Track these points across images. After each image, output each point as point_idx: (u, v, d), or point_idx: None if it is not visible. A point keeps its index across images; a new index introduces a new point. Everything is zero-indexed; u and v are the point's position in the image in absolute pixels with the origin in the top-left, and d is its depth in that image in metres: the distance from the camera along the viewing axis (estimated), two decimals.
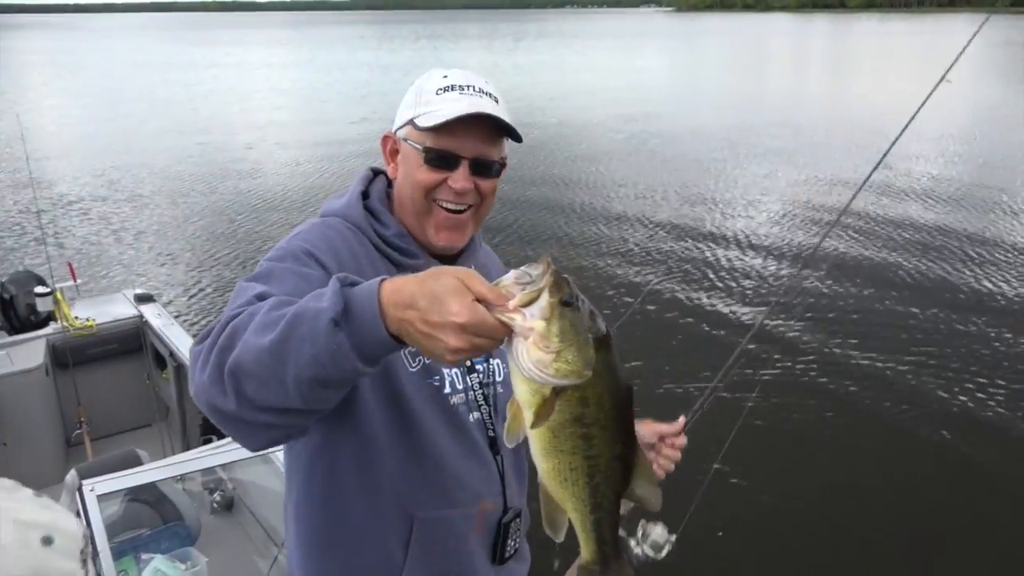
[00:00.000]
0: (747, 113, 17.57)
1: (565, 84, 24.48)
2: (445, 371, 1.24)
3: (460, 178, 1.20)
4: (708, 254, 7.65)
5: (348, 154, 12.93)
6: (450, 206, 1.22)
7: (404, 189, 1.25)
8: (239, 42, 46.41)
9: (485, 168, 1.22)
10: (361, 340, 0.85)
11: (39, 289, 3.66)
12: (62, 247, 7.88)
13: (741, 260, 7.48)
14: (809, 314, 5.98)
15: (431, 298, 0.81)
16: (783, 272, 7.14)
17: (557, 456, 0.87)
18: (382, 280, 0.87)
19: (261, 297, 0.99)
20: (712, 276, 7.04)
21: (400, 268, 1.24)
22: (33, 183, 6.08)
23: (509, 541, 1.32)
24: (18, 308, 3.80)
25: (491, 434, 1.30)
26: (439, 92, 1.21)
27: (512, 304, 0.81)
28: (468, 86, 1.21)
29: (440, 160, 1.20)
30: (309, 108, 19.86)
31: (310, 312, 0.86)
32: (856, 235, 8.00)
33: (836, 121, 16.23)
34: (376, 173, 1.34)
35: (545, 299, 0.80)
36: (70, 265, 4.02)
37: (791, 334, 5.71)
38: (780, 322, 5.83)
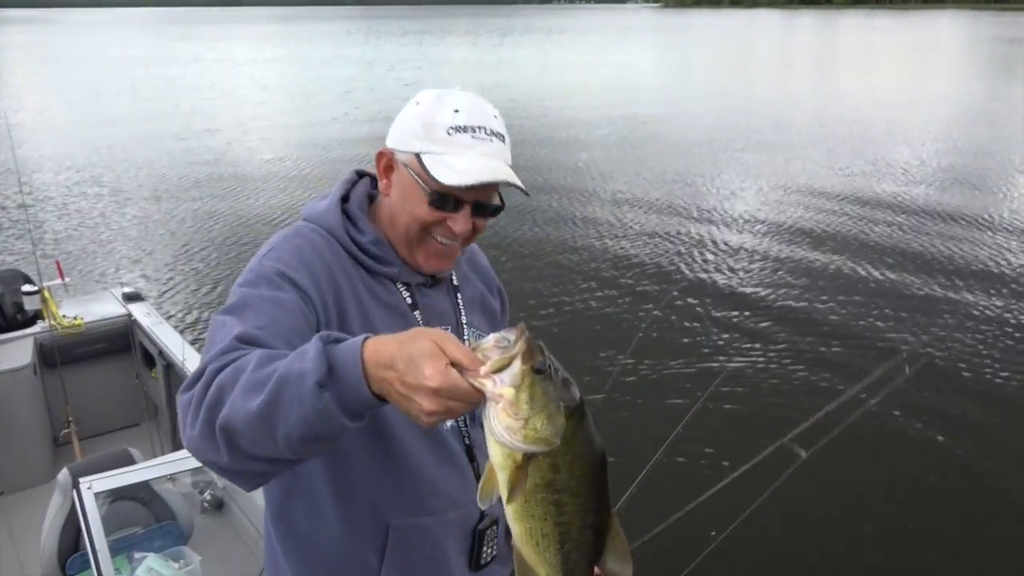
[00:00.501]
0: (733, 109, 17.67)
1: (549, 79, 24.51)
2: None
3: (461, 220, 1.20)
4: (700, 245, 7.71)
5: (331, 150, 12.87)
6: (445, 241, 1.22)
7: (399, 216, 1.23)
8: (224, 37, 46.03)
9: (484, 210, 1.23)
10: (346, 400, 0.86)
11: (26, 288, 3.61)
12: (49, 245, 7.79)
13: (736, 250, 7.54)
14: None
15: (408, 361, 0.83)
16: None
17: (529, 521, 0.88)
18: (365, 339, 0.88)
19: (241, 339, 1.00)
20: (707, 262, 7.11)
21: (374, 275, 1.25)
22: (20, 180, 5.99)
23: (485, 548, 1.33)
24: (5, 307, 3.75)
25: (467, 441, 1.31)
26: (450, 132, 1.16)
27: (484, 370, 0.81)
28: (480, 127, 1.17)
29: (443, 202, 1.19)
30: (293, 104, 19.77)
31: (295, 374, 0.87)
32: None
33: (821, 117, 16.35)
34: (360, 175, 1.33)
35: (517, 366, 0.81)
36: (58, 263, 3.99)
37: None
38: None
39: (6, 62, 33.82)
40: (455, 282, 1.37)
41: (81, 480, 2.26)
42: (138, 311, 3.77)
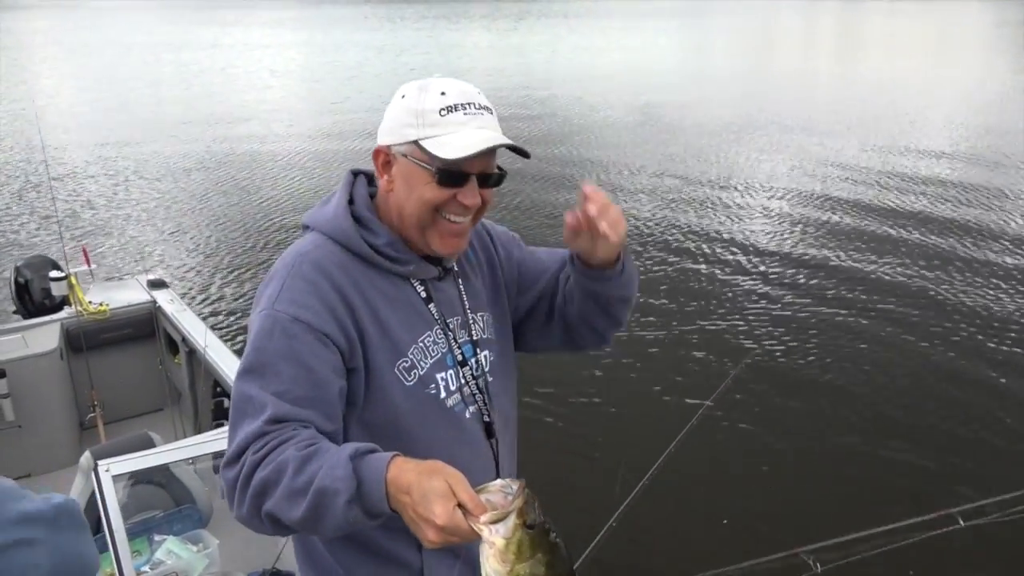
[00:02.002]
0: (754, 94, 17.43)
1: (558, 64, 24.34)
2: (439, 376, 1.30)
3: (470, 194, 1.24)
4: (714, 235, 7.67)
5: (332, 134, 13.06)
6: (457, 219, 1.26)
7: (406, 205, 1.26)
8: (240, 22, 46.07)
9: (488, 180, 1.27)
10: (370, 510, 1.03)
11: (54, 274, 3.70)
12: (76, 232, 7.93)
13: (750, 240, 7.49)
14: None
15: (422, 494, 0.96)
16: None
17: None
18: (392, 458, 1.02)
19: (270, 421, 1.12)
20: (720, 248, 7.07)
21: (390, 275, 1.29)
22: (47, 167, 6.09)
23: None
24: (33, 292, 3.86)
25: (486, 420, 1.38)
26: (442, 112, 1.21)
27: (484, 519, 0.95)
28: (468, 103, 1.22)
29: (450, 178, 1.23)
30: (298, 89, 19.81)
31: (330, 491, 1.02)
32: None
33: (847, 102, 16.09)
34: (356, 174, 1.36)
35: (511, 521, 0.95)
36: (84, 250, 4.07)
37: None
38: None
39: (29, 48, 34.12)
40: (456, 268, 1.40)
41: (99, 463, 2.32)
42: (162, 298, 3.85)
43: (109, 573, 2.26)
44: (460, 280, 1.40)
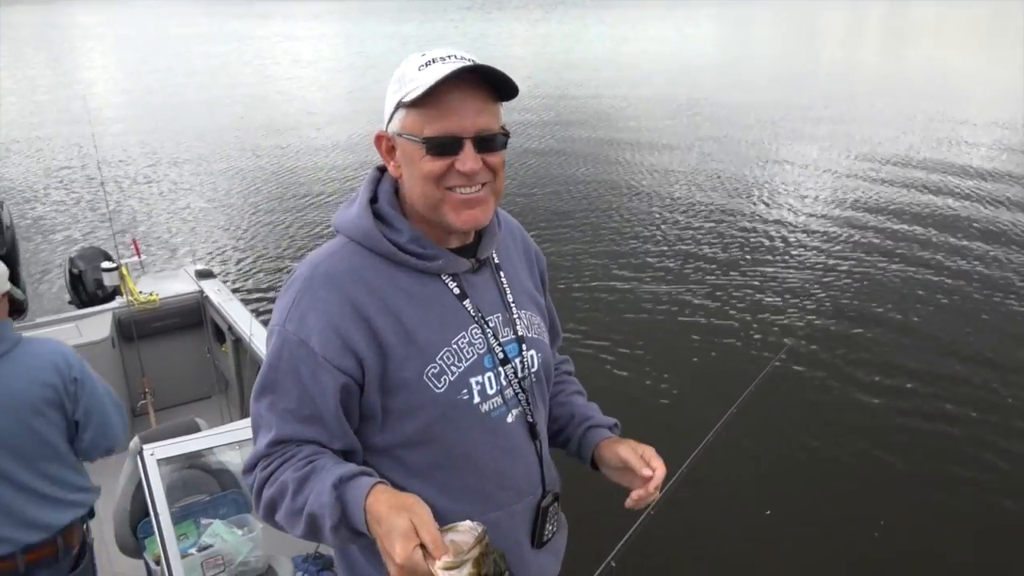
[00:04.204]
0: (795, 89, 17.05)
1: (577, 54, 24.22)
2: (474, 380, 1.23)
3: (468, 159, 1.15)
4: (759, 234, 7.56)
5: (346, 125, 13.24)
6: (465, 191, 1.17)
7: (413, 187, 1.20)
8: (276, 15, 46.75)
9: (489, 142, 1.17)
10: (352, 533, 1.09)
11: (106, 265, 3.83)
12: (127, 224, 8.15)
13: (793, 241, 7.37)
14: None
15: (387, 529, 1.01)
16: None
17: None
18: (373, 485, 1.08)
19: (275, 443, 1.19)
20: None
21: (418, 273, 1.22)
22: (98, 161, 6.30)
23: (548, 524, 1.35)
24: (86, 283, 4.00)
25: (530, 420, 1.31)
26: (421, 68, 1.15)
27: (440, 564, 0.97)
28: (449, 56, 1.15)
29: (442, 147, 1.15)
30: (318, 79, 20.02)
31: (319, 517, 1.10)
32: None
33: (893, 97, 15.66)
34: (383, 171, 1.29)
35: (466, 570, 0.98)
36: (135, 242, 4.19)
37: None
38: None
39: (74, 41, 35.05)
40: (496, 260, 1.33)
41: (145, 447, 2.38)
42: (209, 288, 3.93)
43: (156, 554, 2.34)
44: (501, 272, 1.32)
